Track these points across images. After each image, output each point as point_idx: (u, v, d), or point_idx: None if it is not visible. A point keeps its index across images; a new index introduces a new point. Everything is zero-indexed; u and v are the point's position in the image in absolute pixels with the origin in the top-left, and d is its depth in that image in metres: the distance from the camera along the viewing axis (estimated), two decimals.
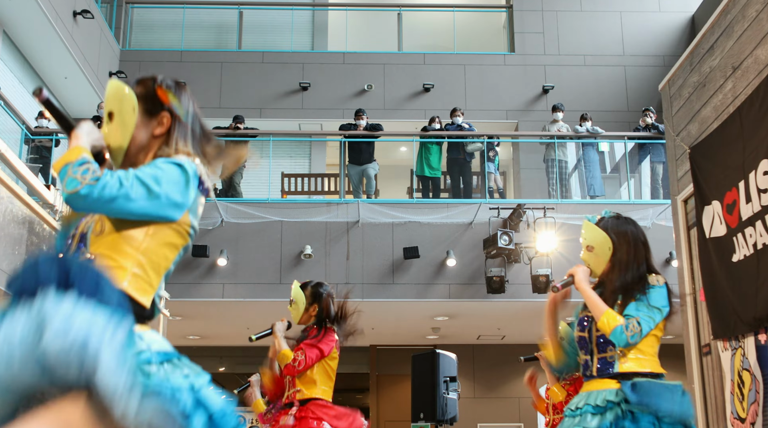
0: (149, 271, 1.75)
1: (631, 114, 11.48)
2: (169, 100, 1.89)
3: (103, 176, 1.68)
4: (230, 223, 8.79)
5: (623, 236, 2.86)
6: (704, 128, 4.81)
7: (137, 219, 1.73)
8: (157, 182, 1.73)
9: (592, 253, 2.87)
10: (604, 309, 2.76)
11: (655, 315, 2.74)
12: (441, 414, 7.20)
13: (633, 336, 2.68)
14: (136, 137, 1.86)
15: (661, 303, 2.77)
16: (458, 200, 9.43)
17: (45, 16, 9.06)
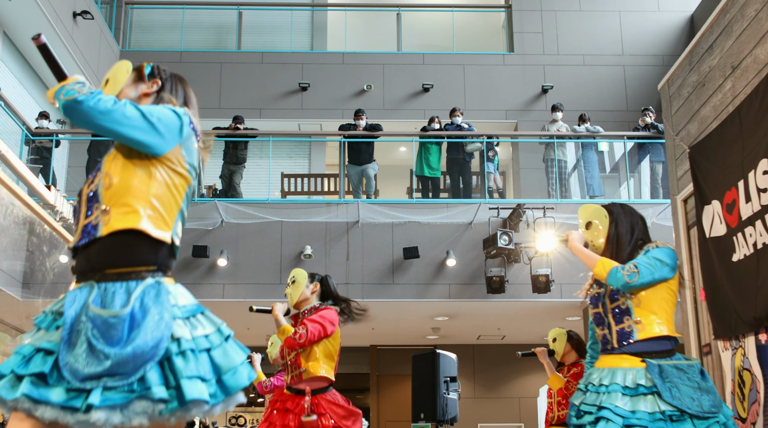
0: (161, 211, 1.87)
1: (631, 114, 11.48)
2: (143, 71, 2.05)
3: (98, 91, 1.79)
4: (230, 223, 8.80)
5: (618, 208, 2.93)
6: (704, 127, 4.82)
7: (129, 143, 1.84)
8: (150, 113, 1.86)
9: (591, 228, 2.91)
10: (597, 258, 2.78)
11: (657, 265, 2.70)
12: (441, 414, 7.20)
13: (630, 275, 2.66)
14: (124, 91, 2.03)
15: (667, 259, 2.73)
16: (458, 200, 9.43)
17: (45, 16, 9.06)
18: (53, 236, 7.08)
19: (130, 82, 2.04)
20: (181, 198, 1.93)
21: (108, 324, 1.69)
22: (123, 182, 1.85)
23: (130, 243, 1.82)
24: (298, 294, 3.91)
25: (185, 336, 1.76)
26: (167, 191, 1.89)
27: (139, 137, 1.82)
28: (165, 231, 1.87)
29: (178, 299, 1.84)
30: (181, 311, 1.81)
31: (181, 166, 1.93)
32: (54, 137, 9.09)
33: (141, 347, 1.67)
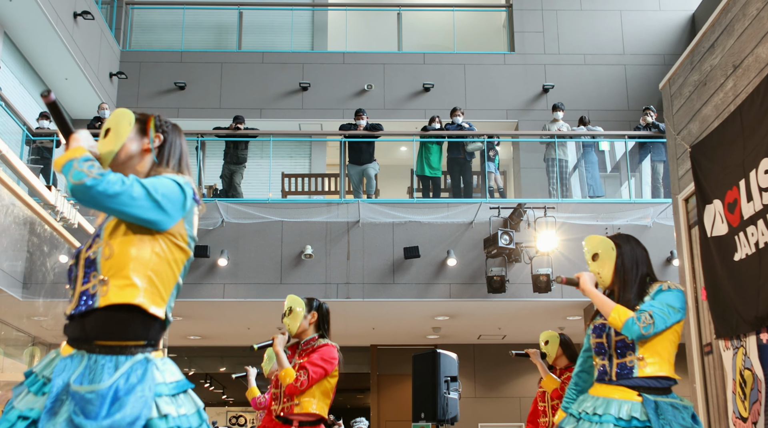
0: (159, 286, 1.89)
1: (632, 113, 11.48)
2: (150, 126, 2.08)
3: (107, 173, 1.82)
4: (231, 223, 8.79)
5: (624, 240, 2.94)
6: (705, 126, 4.81)
7: (135, 222, 1.86)
8: (156, 189, 1.87)
9: (598, 260, 2.90)
10: (613, 305, 2.78)
11: (671, 313, 2.74)
12: (442, 413, 7.19)
13: (646, 327, 2.68)
14: (126, 146, 2.04)
15: (678, 305, 2.78)
16: (458, 199, 9.43)
17: (45, 17, 9.06)
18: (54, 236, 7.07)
19: (133, 134, 2.06)
20: (178, 272, 1.96)
21: (86, 399, 1.72)
22: (122, 254, 1.87)
23: (125, 318, 1.85)
24: (296, 326, 3.88)
25: (172, 413, 1.79)
26: (166, 266, 1.91)
27: (144, 216, 1.85)
28: (160, 307, 1.90)
29: (166, 375, 1.85)
30: (167, 387, 1.83)
31: (182, 239, 1.96)
32: (54, 138, 9.09)
33: (118, 422, 1.69)
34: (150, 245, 1.89)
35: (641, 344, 2.75)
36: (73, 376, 1.77)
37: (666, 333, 2.75)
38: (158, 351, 1.91)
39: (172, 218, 1.90)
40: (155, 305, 1.88)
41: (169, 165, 2.07)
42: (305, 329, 3.91)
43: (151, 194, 1.85)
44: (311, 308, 3.93)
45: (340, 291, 8.67)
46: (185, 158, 2.13)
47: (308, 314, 3.91)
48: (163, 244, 1.91)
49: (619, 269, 2.87)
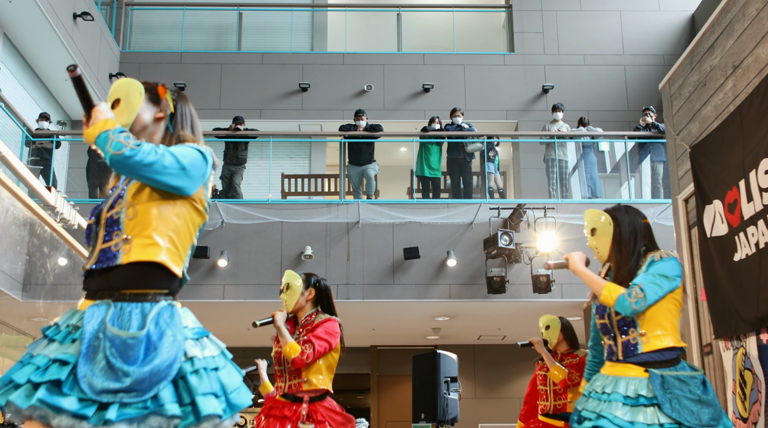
0: (179, 246, 2.00)
1: (631, 113, 11.48)
2: (164, 95, 2.16)
3: (143, 143, 1.90)
4: (230, 224, 8.79)
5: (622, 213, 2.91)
6: (705, 127, 4.81)
7: (163, 188, 1.95)
8: (183, 158, 1.97)
9: (596, 234, 2.88)
10: (603, 283, 2.76)
11: (663, 283, 2.70)
12: (442, 414, 7.19)
13: (637, 302, 2.65)
14: (140, 116, 2.10)
15: (672, 273, 2.74)
16: (458, 200, 9.43)
17: (45, 18, 9.06)
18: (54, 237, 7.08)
19: (145, 104, 2.12)
20: (195, 234, 2.06)
21: (126, 344, 1.79)
22: (147, 215, 1.96)
23: (149, 271, 1.94)
24: (293, 302, 3.85)
25: (198, 355, 1.86)
26: (185, 228, 2.01)
27: (174, 183, 1.94)
28: (179, 266, 2.00)
29: (188, 321, 1.96)
30: (191, 332, 1.92)
31: (201, 204, 2.06)
32: (54, 139, 9.09)
33: (158, 366, 1.77)
34: (172, 208, 1.98)
35: (641, 319, 2.73)
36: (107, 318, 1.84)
37: (663, 302, 2.72)
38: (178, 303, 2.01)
39: (195, 185, 1.99)
40: (175, 263, 1.97)
41: (184, 132, 2.16)
42: (302, 305, 3.88)
43: (180, 162, 1.94)
44: (309, 285, 3.90)
45: (340, 292, 8.67)
46: (197, 124, 2.23)
47: (306, 290, 3.88)
48: (183, 208, 2.00)
49: (617, 243, 2.83)
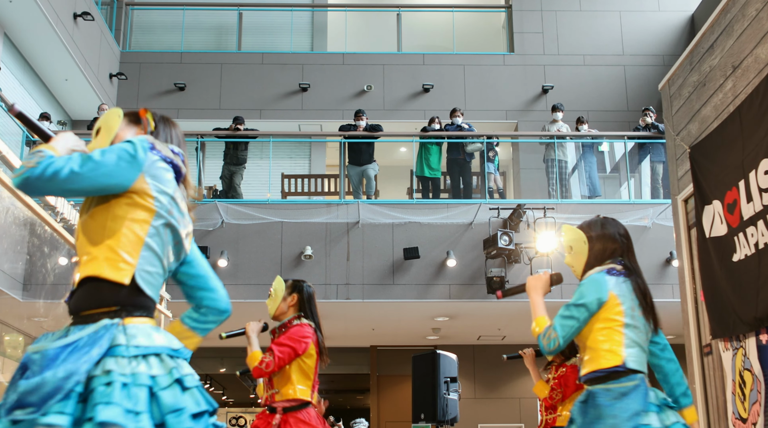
0: (120, 252, 1.81)
1: (631, 114, 11.48)
2: (145, 115, 2.03)
3: (46, 158, 1.75)
4: (230, 224, 8.79)
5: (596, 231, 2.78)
6: (704, 127, 4.82)
7: (92, 193, 1.82)
8: (101, 154, 1.80)
9: (572, 252, 2.82)
10: (535, 316, 2.73)
11: (576, 313, 2.60)
12: (442, 414, 7.20)
13: (549, 343, 2.61)
14: (119, 136, 1.99)
15: (586, 298, 2.60)
16: (458, 200, 9.43)
17: (45, 18, 9.07)
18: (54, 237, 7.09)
19: (124, 125, 2.02)
20: (145, 231, 1.85)
21: (31, 359, 1.70)
22: (85, 233, 1.85)
23: (93, 289, 1.81)
24: (274, 308, 3.78)
25: (119, 370, 1.69)
26: (126, 229, 1.83)
27: (94, 185, 1.79)
28: (123, 272, 1.81)
29: (136, 339, 1.76)
30: (128, 350, 1.73)
31: (145, 195, 1.85)
32: None
33: (48, 377, 1.63)
34: (106, 213, 1.83)
35: (580, 344, 2.71)
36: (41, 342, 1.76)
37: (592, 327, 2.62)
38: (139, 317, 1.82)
39: (125, 178, 1.81)
40: (115, 270, 1.79)
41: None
42: (284, 311, 3.79)
43: (94, 160, 1.78)
44: (292, 291, 3.81)
45: (339, 292, 8.67)
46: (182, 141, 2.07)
47: (288, 296, 3.79)
48: (118, 208, 1.83)
49: (591, 265, 2.76)
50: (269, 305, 3.80)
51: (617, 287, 2.64)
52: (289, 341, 3.62)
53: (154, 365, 1.74)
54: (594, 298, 2.61)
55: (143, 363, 1.73)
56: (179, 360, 1.81)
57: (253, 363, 3.63)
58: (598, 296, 2.62)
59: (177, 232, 1.93)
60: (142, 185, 1.84)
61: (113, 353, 1.71)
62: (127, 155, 1.83)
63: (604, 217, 2.88)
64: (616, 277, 2.67)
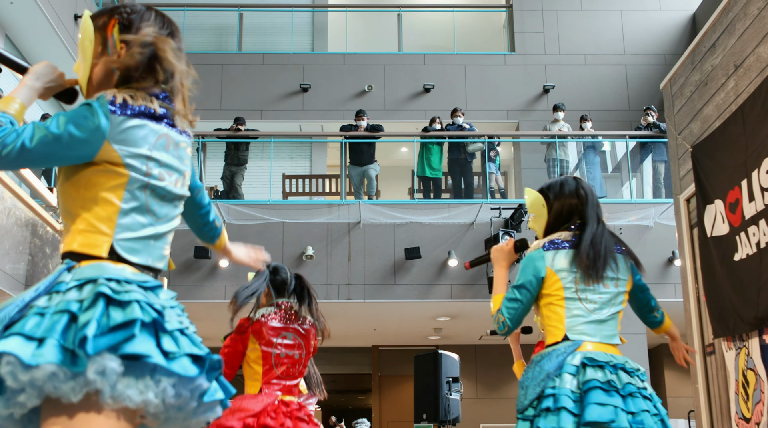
0: (94, 221, 1.69)
1: (632, 113, 11.47)
2: (111, 32, 1.78)
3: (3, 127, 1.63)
4: (232, 224, 8.79)
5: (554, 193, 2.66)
6: (706, 126, 4.81)
7: (55, 165, 1.69)
8: (57, 123, 1.64)
9: (533, 218, 2.70)
10: (494, 293, 2.63)
11: (518, 294, 2.51)
12: (444, 414, 7.19)
13: (500, 326, 2.53)
14: (95, 68, 1.79)
15: (524, 277, 2.52)
16: (459, 200, 9.43)
17: (46, 19, 9.07)
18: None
19: (98, 52, 1.79)
20: (120, 198, 1.70)
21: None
22: (61, 203, 1.74)
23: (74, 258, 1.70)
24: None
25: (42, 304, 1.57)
26: (98, 194, 1.69)
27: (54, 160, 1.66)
28: (98, 246, 1.68)
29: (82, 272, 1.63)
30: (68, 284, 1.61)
31: (113, 163, 1.69)
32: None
33: None
34: (78, 180, 1.69)
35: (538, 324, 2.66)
36: None
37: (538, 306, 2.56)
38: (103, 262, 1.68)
39: (85, 152, 1.66)
40: (90, 245, 1.67)
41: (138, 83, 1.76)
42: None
43: (51, 133, 1.63)
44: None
45: (341, 292, 8.66)
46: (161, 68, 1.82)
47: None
48: (91, 175, 1.69)
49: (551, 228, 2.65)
50: None
51: (557, 260, 2.52)
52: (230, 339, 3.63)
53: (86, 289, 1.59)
54: (531, 277, 2.52)
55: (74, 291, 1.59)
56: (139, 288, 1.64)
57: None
58: (534, 274, 2.52)
59: (160, 188, 1.77)
60: (109, 154, 1.68)
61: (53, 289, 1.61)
62: (86, 125, 1.65)
63: (567, 176, 2.77)
64: (555, 250, 2.54)
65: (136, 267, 1.71)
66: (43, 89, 1.79)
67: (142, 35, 1.79)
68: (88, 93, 1.82)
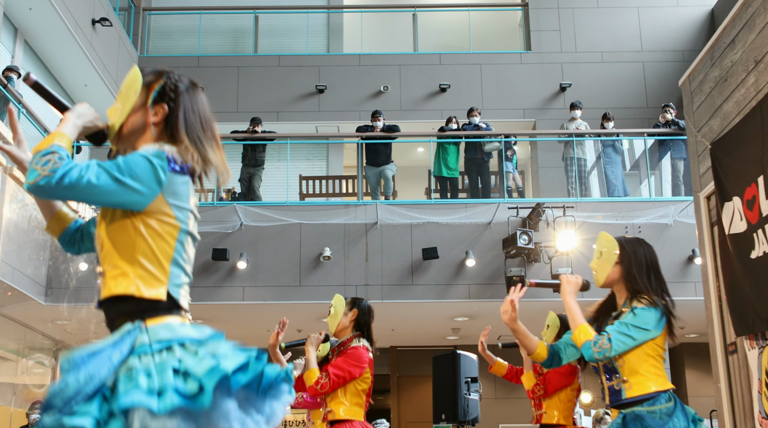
0: (150, 268, 1.81)
1: (651, 110, 11.38)
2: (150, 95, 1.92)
3: (62, 166, 1.73)
4: (249, 226, 8.83)
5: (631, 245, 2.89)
6: (726, 123, 4.75)
7: (105, 205, 1.80)
8: (120, 170, 1.76)
9: (600, 258, 2.89)
10: (579, 323, 2.80)
11: (635, 334, 2.72)
12: (462, 414, 7.17)
13: (600, 352, 2.70)
14: (131, 118, 1.91)
15: (649, 325, 2.74)
16: (477, 200, 9.40)
17: (64, 24, 9.16)
18: None
19: (139, 104, 1.92)
20: (172, 247, 1.84)
21: (61, 367, 1.71)
22: (110, 244, 1.82)
23: (123, 305, 1.80)
24: (335, 325, 3.85)
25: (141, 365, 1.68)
26: (155, 244, 1.82)
27: (113, 201, 1.77)
28: (158, 288, 1.81)
29: (158, 335, 1.75)
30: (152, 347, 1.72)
31: (167, 215, 1.83)
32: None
33: (69, 381, 1.64)
34: (134, 228, 1.80)
35: (621, 367, 2.78)
36: None
37: (640, 351, 2.75)
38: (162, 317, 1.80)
39: (146, 197, 1.78)
40: (151, 287, 1.80)
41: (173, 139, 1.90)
42: (345, 327, 3.86)
43: (114, 176, 1.74)
44: (352, 306, 3.88)
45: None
46: (194, 129, 1.94)
47: (349, 311, 3.86)
48: (146, 224, 1.81)
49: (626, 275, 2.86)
50: (330, 323, 3.87)
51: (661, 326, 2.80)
52: (346, 365, 3.70)
53: (179, 352, 1.71)
54: (656, 328, 2.76)
55: (168, 353, 1.71)
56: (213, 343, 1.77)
57: (309, 382, 3.71)
58: (659, 327, 2.76)
59: (193, 236, 1.92)
60: (162, 206, 1.82)
61: (137, 352, 1.71)
62: (149, 177, 1.78)
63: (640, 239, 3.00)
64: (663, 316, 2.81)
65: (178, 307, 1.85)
66: (82, 128, 1.90)
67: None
68: (118, 138, 1.94)
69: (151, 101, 1.91)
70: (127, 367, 1.68)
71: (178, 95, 1.94)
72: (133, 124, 1.91)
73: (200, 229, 2.06)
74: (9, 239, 7.29)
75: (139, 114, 1.91)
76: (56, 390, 1.64)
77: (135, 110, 1.92)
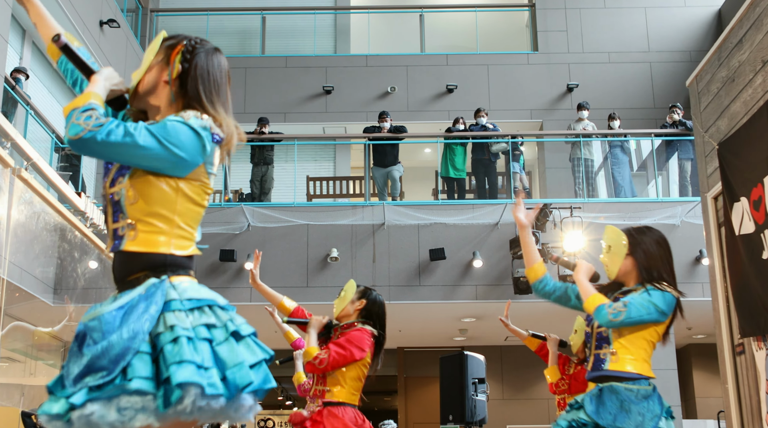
0: (186, 228, 1.85)
1: (658, 111, 11.35)
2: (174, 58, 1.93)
3: (108, 123, 1.72)
4: (257, 227, 8.85)
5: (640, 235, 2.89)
6: (734, 123, 4.74)
7: (146, 168, 1.78)
8: (167, 137, 1.76)
9: (610, 252, 2.89)
10: (592, 293, 2.80)
11: (650, 309, 2.71)
12: (470, 415, 7.16)
13: (615, 314, 2.68)
14: (146, 76, 1.93)
15: (665, 307, 2.74)
16: (484, 200, 9.39)
17: (72, 25, 9.20)
18: (84, 242, 7.18)
19: (156, 63, 1.93)
20: (203, 208, 1.90)
21: (89, 327, 1.67)
22: (147, 200, 1.80)
23: (150, 257, 1.80)
24: (340, 308, 3.80)
25: (181, 324, 1.68)
26: (192, 205, 1.85)
27: (157, 166, 1.78)
28: (187, 249, 1.85)
29: (187, 293, 1.76)
30: (183, 304, 1.73)
31: (203, 180, 1.87)
32: None
33: (114, 340, 1.61)
34: (174, 188, 1.81)
35: (616, 339, 2.76)
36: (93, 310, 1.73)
37: (643, 332, 2.74)
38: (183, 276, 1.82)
39: (189, 165, 1.81)
40: (181, 249, 1.82)
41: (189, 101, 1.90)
42: (348, 313, 3.80)
43: (162, 143, 1.75)
44: (361, 296, 3.83)
45: None
46: (211, 91, 1.94)
47: (357, 300, 3.81)
48: (186, 186, 1.83)
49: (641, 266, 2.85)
50: (336, 305, 3.83)
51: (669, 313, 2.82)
52: (348, 344, 3.63)
53: (209, 316, 1.73)
54: (667, 314, 2.76)
55: (203, 317, 1.73)
56: (231, 312, 1.80)
57: (308, 358, 3.64)
58: (668, 313, 2.76)
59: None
60: (200, 174, 1.86)
61: (169, 308, 1.71)
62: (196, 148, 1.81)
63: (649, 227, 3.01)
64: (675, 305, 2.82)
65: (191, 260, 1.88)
66: (109, 90, 1.89)
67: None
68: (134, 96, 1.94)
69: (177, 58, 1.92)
70: (166, 324, 1.68)
71: (194, 56, 1.95)
72: (149, 82, 1.93)
73: (208, 230, 2.09)
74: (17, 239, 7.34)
75: (155, 71, 1.93)
76: (100, 351, 1.61)
77: (151, 68, 1.93)
